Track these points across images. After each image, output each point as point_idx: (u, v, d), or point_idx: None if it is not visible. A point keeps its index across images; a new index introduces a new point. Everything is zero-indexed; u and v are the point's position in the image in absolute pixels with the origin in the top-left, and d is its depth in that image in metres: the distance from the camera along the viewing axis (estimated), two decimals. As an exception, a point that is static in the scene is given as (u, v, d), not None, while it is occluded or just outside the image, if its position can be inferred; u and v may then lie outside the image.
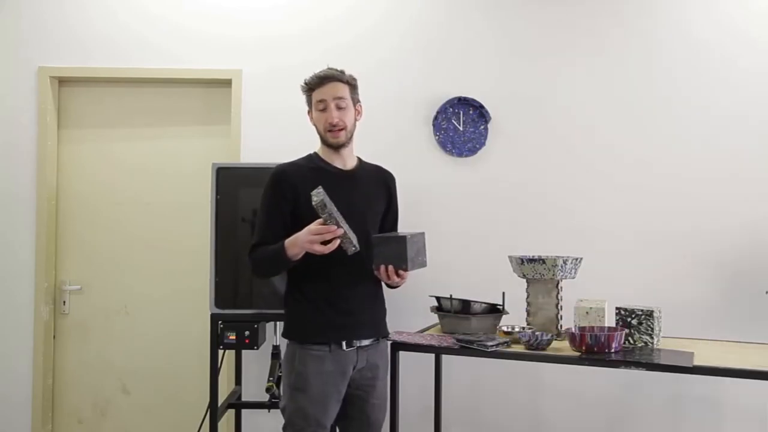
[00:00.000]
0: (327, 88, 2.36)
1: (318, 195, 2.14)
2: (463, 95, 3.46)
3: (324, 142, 2.41)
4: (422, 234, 2.39)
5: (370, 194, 2.45)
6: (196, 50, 3.53)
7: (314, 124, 2.42)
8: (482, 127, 3.47)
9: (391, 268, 2.27)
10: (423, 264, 2.37)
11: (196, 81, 3.57)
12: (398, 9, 3.53)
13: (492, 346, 2.44)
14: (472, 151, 3.47)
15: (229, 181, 2.99)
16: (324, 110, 2.36)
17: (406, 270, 2.29)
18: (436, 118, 3.47)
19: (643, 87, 3.43)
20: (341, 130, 2.36)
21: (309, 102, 2.42)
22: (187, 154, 3.63)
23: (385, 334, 2.48)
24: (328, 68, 2.41)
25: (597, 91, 3.45)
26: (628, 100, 3.44)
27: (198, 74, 3.52)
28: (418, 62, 3.51)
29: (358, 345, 2.36)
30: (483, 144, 3.47)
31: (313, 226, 2.19)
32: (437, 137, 3.48)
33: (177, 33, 3.54)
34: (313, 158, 2.45)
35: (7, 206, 3.53)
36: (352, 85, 2.41)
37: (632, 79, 3.44)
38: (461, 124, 3.47)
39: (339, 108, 2.36)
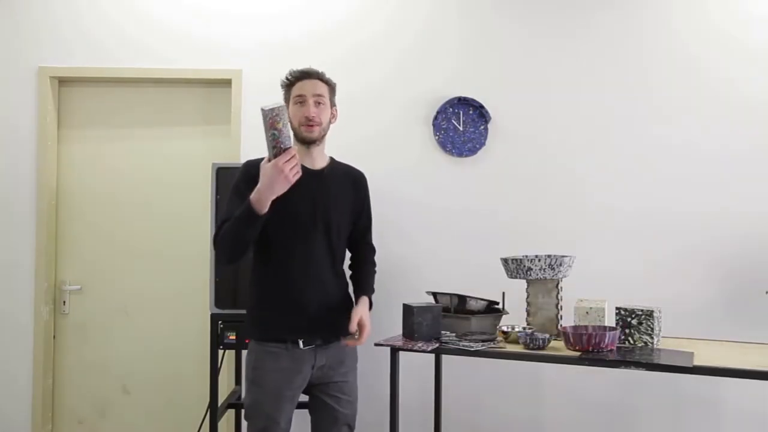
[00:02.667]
0: (307, 84, 2.36)
1: (270, 108, 2.07)
2: (463, 95, 3.46)
3: (297, 136, 2.38)
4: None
5: (337, 194, 2.43)
6: (196, 50, 3.53)
7: (289, 119, 2.36)
8: (482, 127, 3.47)
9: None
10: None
11: (196, 81, 3.57)
12: (398, 10, 3.53)
13: (476, 347, 2.48)
14: (472, 151, 3.47)
15: (229, 181, 2.96)
16: (302, 104, 2.35)
17: None
18: (436, 118, 3.47)
19: (644, 86, 3.44)
20: (316, 125, 2.35)
21: (287, 97, 2.41)
22: (187, 154, 3.63)
23: (339, 335, 2.41)
24: (309, 68, 2.41)
25: (597, 91, 3.45)
26: (628, 99, 3.44)
27: (198, 74, 3.52)
28: (418, 62, 3.51)
29: (316, 344, 2.35)
30: (483, 144, 3.47)
31: (279, 161, 2.10)
32: (437, 137, 3.48)
33: (177, 33, 3.54)
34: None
35: (7, 206, 3.53)
36: (331, 86, 2.42)
37: (633, 78, 3.44)
38: (461, 124, 3.47)
39: (317, 104, 2.35)
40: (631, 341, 2.56)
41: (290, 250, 2.33)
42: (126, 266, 3.62)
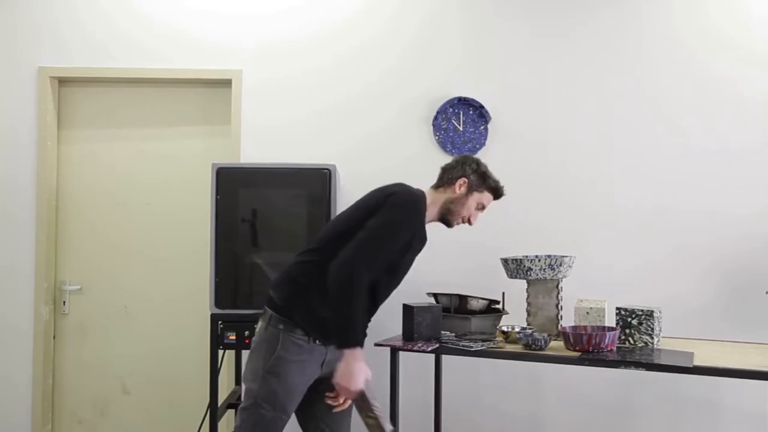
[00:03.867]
0: (492, 202, 2.53)
1: None
2: (463, 95, 3.46)
3: (445, 215, 2.45)
4: None
5: None
6: (196, 51, 3.53)
7: (461, 201, 2.45)
8: (482, 127, 3.47)
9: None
10: None
11: (196, 81, 3.57)
12: (398, 9, 3.53)
13: (476, 347, 2.47)
14: (472, 151, 3.47)
15: (229, 181, 2.99)
16: (478, 211, 2.50)
17: None
18: (436, 118, 3.47)
19: (644, 85, 3.43)
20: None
21: (480, 188, 2.48)
22: (187, 154, 3.63)
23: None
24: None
25: (597, 91, 3.45)
26: (629, 98, 3.44)
27: (198, 74, 3.52)
28: (419, 62, 3.51)
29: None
30: (483, 144, 3.47)
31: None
32: (437, 137, 3.48)
33: (177, 33, 3.54)
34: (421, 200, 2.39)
35: (7, 206, 3.53)
36: None
37: (633, 78, 3.44)
38: (461, 124, 3.47)
39: None
40: (631, 341, 2.56)
41: (384, 291, 2.35)
42: (126, 266, 3.62)
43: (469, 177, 2.46)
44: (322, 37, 3.53)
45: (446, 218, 2.46)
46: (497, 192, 2.52)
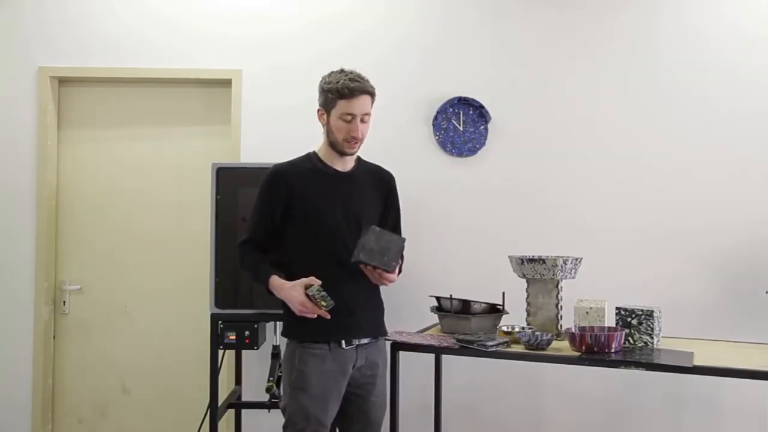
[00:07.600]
0: (358, 102, 2.30)
1: (315, 290, 2.22)
2: (463, 95, 3.46)
3: (335, 148, 2.39)
4: (398, 238, 2.32)
5: (367, 195, 2.46)
6: (196, 50, 3.53)
7: (329, 128, 2.37)
8: (482, 127, 3.47)
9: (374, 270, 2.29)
10: (389, 265, 2.27)
11: (196, 81, 3.57)
12: (398, 8, 3.53)
13: (492, 346, 2.44)
14: (472, 151, 3.47)
15: (229, 181, 2.99)
16: (349, 122, 2.31)
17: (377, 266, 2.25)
18: (436, 118, 3.47)
19: (645, 86, 3.43)
20: (359, 142, 2.37)
21: (330, 104, 2.33)
22: (187, 154, 3.63)
23: (383, 333, 2.49)
24: (357, 76, 2.33)
25: (597, 91, 3.45)
26: (629, 99, 3.44)
27: (198, 74, 3.52)
28: (418, 62, 3.51)
29: (357, 343, 2.36)
30: (483, 144, 3.47)
31: (306, 301, 2.23)
32: (437, 137, 3.48)
33: (177, 33, 3.54)
34: (311, 158, 2.45)
35: (7, 206, 3.53)
36: (374, 96, 2.39)
37: (633, 79, 3.44)
38: (461, 124, 3.47)
39: (363, 122, 2.34)
40: (631, 341, 2.56)
41: (327, 250, 2.34)
42: (126, 266, 3.62)
43: (319, 103, 2.39)
44: (323, 35, 3.53)
45: (336, 149, 2.38)
46: (341, 91, 2.27)
